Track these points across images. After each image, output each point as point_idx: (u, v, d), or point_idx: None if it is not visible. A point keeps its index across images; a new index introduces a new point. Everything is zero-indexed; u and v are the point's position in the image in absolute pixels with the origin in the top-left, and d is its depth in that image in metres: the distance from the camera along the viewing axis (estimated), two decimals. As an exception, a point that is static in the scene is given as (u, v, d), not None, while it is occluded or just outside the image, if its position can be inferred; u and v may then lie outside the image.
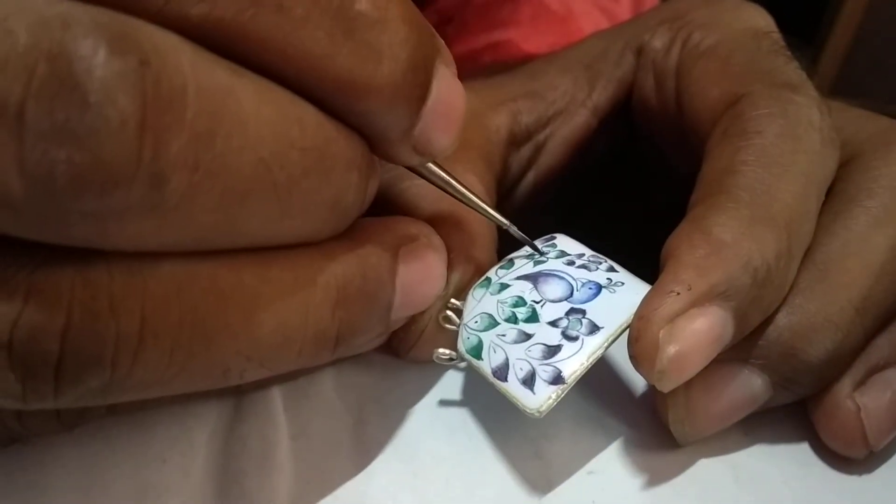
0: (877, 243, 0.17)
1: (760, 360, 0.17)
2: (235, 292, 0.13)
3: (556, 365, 0.16)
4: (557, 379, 0.16)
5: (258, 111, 0.12)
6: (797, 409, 0.19)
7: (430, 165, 0.17)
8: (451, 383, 0.19)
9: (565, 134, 0.24)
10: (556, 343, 0.16)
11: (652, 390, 0.18)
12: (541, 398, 0.16)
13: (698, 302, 0.16)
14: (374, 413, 0.18)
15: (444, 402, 0.19)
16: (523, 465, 0.17)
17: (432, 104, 0.14)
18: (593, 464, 0.18)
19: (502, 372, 0.16)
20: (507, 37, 0.35)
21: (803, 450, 0.18)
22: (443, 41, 0.15)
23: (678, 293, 0.16)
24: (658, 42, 0.23)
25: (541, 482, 0.17)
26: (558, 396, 0.16)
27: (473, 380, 0.19)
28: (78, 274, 0.12)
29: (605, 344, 0.16)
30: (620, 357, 0.20)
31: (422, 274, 0.16)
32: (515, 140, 0.24)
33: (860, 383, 0.17)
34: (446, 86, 0.14)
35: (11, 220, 0.11)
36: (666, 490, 0.17)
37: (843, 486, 0.18)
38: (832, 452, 0.18)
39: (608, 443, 0.18)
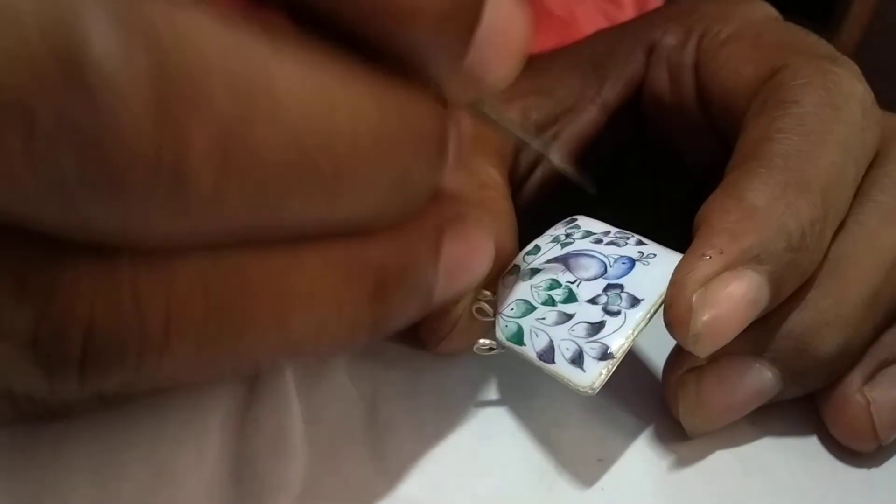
0: (887, 239, 0.17)
1: (772, 354, 0.17)
2: (264, 286, 0.12)
3: (603, 341, 0.16)
4: (606, 354, 0.16)
5: (297, 94, 0.11)
6: (806, 403, 0.19)
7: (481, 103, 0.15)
8: (463, 370, 0.19)
9: (574, 131, 0.24)
10: (598, 320, 0.16)
11: (663, 381, 0.19)
12: (592, 375, 0.16)
13: (731, 265, 0.15)
14: (387, 399, 0.18)
15: (457, 389, 0.19)
16: (534, 451, 0.18)
17: (485, 30, 0.12)
18: (602, 452, 0.18)
19: (548, 354, 0.16)
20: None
21: (812, 443, 0.19)
22: None
23: (710, 257, 0.16)
24: (671, 38, 0.23)
25: (551, 469, 0.17)
26: (609, 371, 0.16)
27: (485, 367, 0.19)
28: (100, 270, 0.11)
29: (648, 315, 0.16)
30: (632, 348, 0.20)
31: (468, 256, 0.15)
32: None
33: (870, 378, 0.18)
34: (501, 8, 0.12)
35: (29, 219, 0.10)
36: (674, 479, 0.17)
37: (851, 480, 0.18)
38: (840, 446, 0.18)
39: (618, 432, 0.18)
